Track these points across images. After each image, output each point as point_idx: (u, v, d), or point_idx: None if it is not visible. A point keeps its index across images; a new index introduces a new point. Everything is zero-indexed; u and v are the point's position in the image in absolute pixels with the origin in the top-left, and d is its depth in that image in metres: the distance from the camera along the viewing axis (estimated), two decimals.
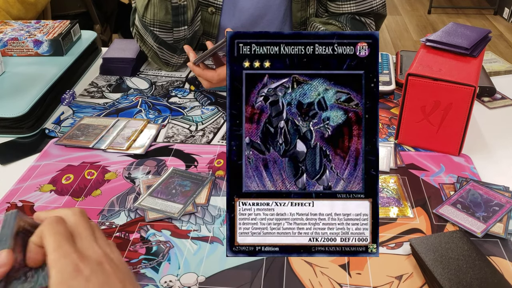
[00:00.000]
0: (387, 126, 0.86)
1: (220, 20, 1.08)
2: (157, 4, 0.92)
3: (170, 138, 0.84)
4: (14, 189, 0.72)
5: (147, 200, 0.69)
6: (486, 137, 0.83)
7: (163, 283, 0.57)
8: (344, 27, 1.03)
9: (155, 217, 0.66)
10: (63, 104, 0.95)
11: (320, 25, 1.04)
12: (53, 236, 0.41)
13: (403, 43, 3.77)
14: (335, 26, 1.03)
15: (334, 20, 1.04)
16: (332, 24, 1.04)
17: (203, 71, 0.89)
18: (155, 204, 0.68)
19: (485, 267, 0.54)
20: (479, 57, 0.78)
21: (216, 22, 1.08)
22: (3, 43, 1.03)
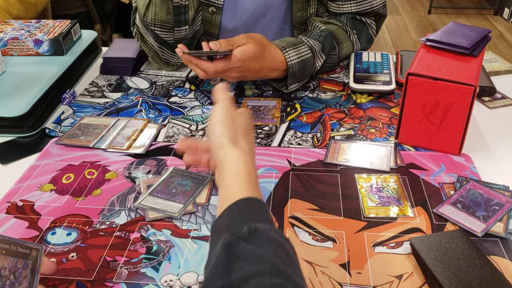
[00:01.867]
0: (387, 126, 0.86)
1: (221, 20, 1.08)
2: (158, 4, 0.92)
3: (171, 138, 0.84)
4: (15, 189, 0.72)
5: (148, 199, 0.69)
6: (486, 137, 0.83)
7: (164, 283, 0.57)
8: (344, 26, 1.03)
9: (156, 216, 0.66)
10: (64, 103, 0.95)
11: (321, 24, 1.04)
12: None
13: (403, 43, 3.77)
14: (335, 26, 1.03)
15: (335, 19, 1.04)
16: (333, 24, 1.04)
17: (199, 61, 0.87)
18: (155, 204, 0.68)
19: (485, 266, 0.54)
20: (479, 57, 0.78)
21: (216, 22, 1.08)
22: (4, 42, 1.03)
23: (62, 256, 0.61)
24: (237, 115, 0.62)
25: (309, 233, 0.63)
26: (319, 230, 0.64)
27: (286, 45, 0.94)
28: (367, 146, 0.80)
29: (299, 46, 0.95)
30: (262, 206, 0.51)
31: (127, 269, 0.59)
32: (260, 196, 0.53)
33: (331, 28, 1.02)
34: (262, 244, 0.44)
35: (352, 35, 1.04)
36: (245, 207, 0.50)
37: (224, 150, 0.58)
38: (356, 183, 0.72)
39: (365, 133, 0.84)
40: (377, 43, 3.78)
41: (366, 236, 0.63)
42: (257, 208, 0.50)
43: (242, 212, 0.49)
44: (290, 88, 0.96)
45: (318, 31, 1.01)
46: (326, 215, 0.66)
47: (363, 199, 0.69)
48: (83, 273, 0.58)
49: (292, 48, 0.93)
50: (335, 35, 1.01)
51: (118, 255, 0.61)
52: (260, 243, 0.44)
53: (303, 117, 0.89)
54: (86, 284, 0.57)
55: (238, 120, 0.61)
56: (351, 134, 0.84)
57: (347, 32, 1.03)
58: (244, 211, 0.49)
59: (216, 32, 1.09)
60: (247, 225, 0.45)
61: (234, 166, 0.56)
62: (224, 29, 1.09)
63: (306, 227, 0.64)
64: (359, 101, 0.94)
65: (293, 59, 0.92)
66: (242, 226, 0.46)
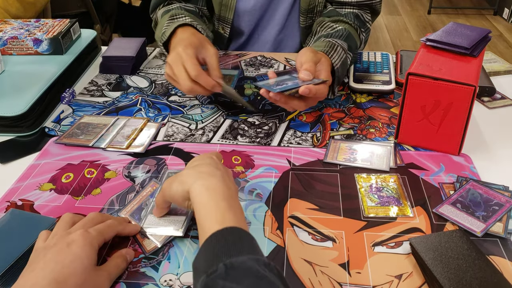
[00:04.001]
0: (387, 126, 0.86)
1: (237, 3, 1.10)
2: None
3: (170, 137, 0.84)
4: (14, 188, 0.72)
5: (150, 220, 0.65)
6: (486, 137, 0.83)
7: (163, 282, 0.57)
8: (354, 25, 1.01)
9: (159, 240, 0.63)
10: (63, 102, 0.95)
11: (335, 24, 1.01)
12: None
13: (403, 43, 3.77)
14: (347, 24, 1.01)
15: (344, 17, 1.02)
16: (344, 22, 1.02)
17: (290, 100, 0.81)
18: (158, 224, 0.64)
19: (484, 266, 0.54)
20: (479, 57, 0.78)
21: (232, 5, 1.10)
22: (3, 41, 1.03)
23: None
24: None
25: (308, 233, 0.63)
26: (318, 229, 0.64)
27: (327, 49, 0.88)
28: (367, 145, 0.80)
29: (336, 49, 0.90)
30: (238, 235, 0.49)
31: (127, 268, 0.59)
32: (237, 219, 0.51)
33: (347, 28, 1.00)
34: (241, 280, 0.43)
35: (361, 33, 1.04)
36: (218, 241, 0.48)
37: (186, 189, 0.56)
38: (355, 183, 0.72)
39: (364, 133, 0.84)
40: (377, 43, 3.78)
41: (366, 236, 0.63)
42: (232, 238, 0.48)
43: (215, 248, 0.48)
44: (336, 93, 0.92)
45: (337, 31, 0.98)
46: (326, 214, 0.66)
47: (363, 198, 0.69)
48: None
49: (333, 52, 0.89)
50: (353, 35, 0.99)
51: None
52: (238, 279, 0.43)
53: (302, 117, 0.89)
54: None
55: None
56: (350, 133, 0.84)
57: (357, 31, 1.03)
58: (218, 247, 0.48)
59: (231, 17, 1.12)
60: (223, 262, 0.44)
61: (200, 199, 0.54)
62: (239, 12, 1.12)
63: (305, 227, 0.64)
64: (358, 101, 0.94)
65: (337, 62, 0.88)
66: (217, 263, 0.45)
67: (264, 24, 1.17)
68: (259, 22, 1.17)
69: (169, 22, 0.96)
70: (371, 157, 0.77)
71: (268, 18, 1.16)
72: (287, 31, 1.18)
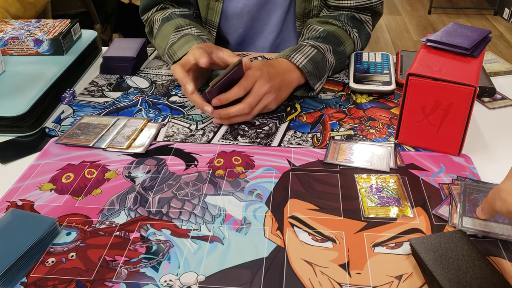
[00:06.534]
0: (387, 126, 0.86)
1: (223, 7, 1.09)
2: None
3: (170, 137, 0.84)
4: (14, 188, 0.72)
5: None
6: (486, 137, 0.83)
7: (163, 282, 0.57)
8: (344, 26, 1.03)
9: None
10: (63, 103, 0.95)
11: (318, 26, 1.03)
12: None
13: (403, 43, 3.77)
14: (334, 26, 1.03)
15: (333, 19, 1.04)
16: (331, 24, 1.03)
17: (234, 108, 0.84)
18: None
19: (485, 267, 0.54)
20: (480, 57, 0.78)
21: (218, 9, 1.09)
22: (4, 42, 1.03)
23: (62, 256, 0.61)
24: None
25: (308, 233, 0.63)
26: (319, 230, 0.64)
27: (288, 52, 0.93)
28: (367, 146, 0.80)
29: (301, 49, 0.93)
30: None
31: (127, 269, 0.59)
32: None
33: (330, 29, 1.02)
34: None
35: (352, 33, 1.04)
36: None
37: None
38: (356, 183, 0.72)
39: (365, 133, 0.84)
40: (377, 43, 3.78)
41: (366, 236, 0.63)
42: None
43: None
44: (316, 88, 0.93)
45: (316, 33, 1.00)
46: (326, 215, 0.66)
47: (363, 199, 0.69)
48: (82, 273, 0.58)
49: (295, 53, 0.92)
50: (336, 34, 1.01)
51: (118, 255, 0.61)
52: None
53: (303, 117, 0.89)
54: (86, 284, 0.57)
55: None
56: (351, 134, 0.84)
57: (347, 31, 1.03)
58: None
59: (217, 20, 1.11)
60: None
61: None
62: (226, 16, 1.12)
63: (306, 227, 0.64)
64: (359, 101, 0.94)
65: (301, 61, 0.90)
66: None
67: (259, 29, 1.17)
68: (252, 27, 1.16)
69: (176, 34, 0.99)
70: (371, 158, 0.77)
71: (263, 23, 1.16)
72: (284, 36, 1.18)
